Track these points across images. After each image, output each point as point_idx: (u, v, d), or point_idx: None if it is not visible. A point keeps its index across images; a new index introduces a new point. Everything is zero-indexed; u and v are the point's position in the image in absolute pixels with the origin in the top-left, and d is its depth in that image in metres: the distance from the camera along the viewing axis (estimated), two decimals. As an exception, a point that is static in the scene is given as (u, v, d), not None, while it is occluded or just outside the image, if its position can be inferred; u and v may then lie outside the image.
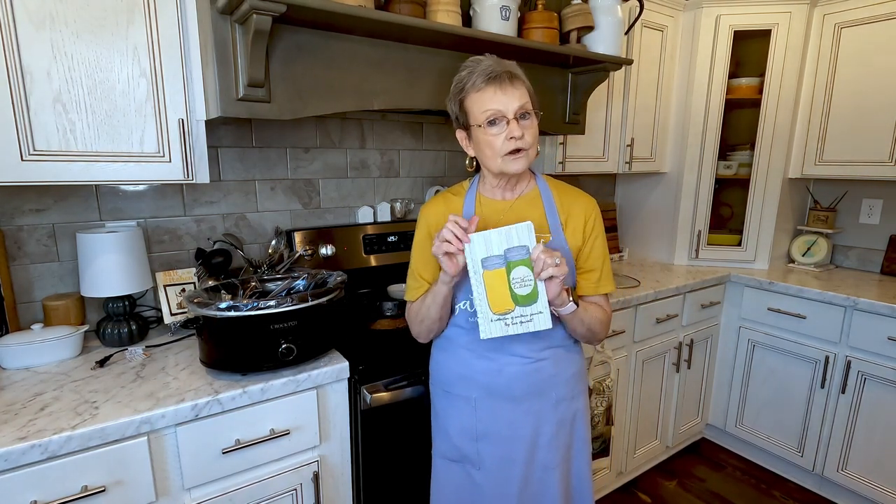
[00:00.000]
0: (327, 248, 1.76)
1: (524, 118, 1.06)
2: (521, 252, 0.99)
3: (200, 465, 1.11)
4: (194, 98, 1.26)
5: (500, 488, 1.17)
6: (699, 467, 2.42)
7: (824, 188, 2.59)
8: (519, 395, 1.14)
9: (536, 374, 1.14)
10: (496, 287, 1.01)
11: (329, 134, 1.82)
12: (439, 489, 1.26)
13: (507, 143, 1.05)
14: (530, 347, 1.13)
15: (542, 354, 1.14)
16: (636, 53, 2.21)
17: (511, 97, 1.03)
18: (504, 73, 1.04)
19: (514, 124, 1.04)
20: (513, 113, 1.03)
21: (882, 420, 1.96)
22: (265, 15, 1.10)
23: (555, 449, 1.17)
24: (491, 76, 1.03)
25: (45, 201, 1.39)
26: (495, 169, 1.09)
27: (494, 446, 1.17)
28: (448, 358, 1.21)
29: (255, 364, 1.18)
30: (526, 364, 1.14)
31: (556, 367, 1.16)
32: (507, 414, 1.15)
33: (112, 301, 1.38)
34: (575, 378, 1.20)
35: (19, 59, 1.05)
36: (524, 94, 1.05)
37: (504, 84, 1.03)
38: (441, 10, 1.41)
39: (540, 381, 1.15)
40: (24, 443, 0.91)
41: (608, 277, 1.18)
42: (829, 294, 2.06)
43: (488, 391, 1.15)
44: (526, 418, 1.15)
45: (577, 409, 1.21)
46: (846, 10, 2.17)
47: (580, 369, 1.23)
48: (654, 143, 2.43)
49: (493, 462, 1.17)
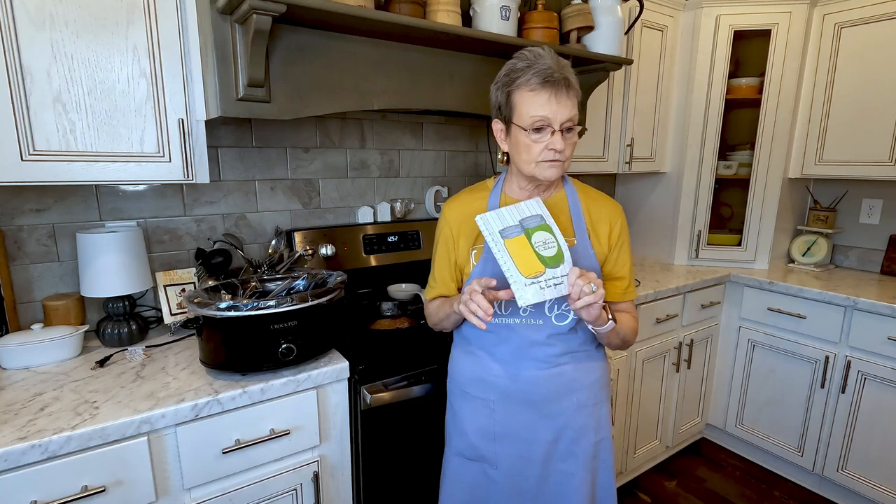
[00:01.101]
0: (327, 248, 1.75)
1: (569, 131, 1.03)
2: (535, 220, 1.01)
3: (200, 465, 1.11)
4: (194, 98, 1.26)
5: (516, 485, 1.17)
6: (699, 467, 2.42)
7: (824, 188, 2.59)
8: (537, 399, 1.13)
9: (556, 378, 1.12)
10: (521, 253, 0.99)
11: (329, 134, 1.82)
12: (452, 486, 1.25)
13: (546, 153, 1.02)
14: (548, 353, 1.11)
15: (562, 360, 1.12)
16: (636, 53, 2.21)
17: (563, 107, 1.00)
18: (562, 79, 1.00)
19: (559, 137, 1.01)
20: (559, 124, 1.00)
21: (882, 420, 1.96)
22: (265, 15, 1.10)
23: (575, 455, 1.15)
24: (548, 80, 0.99)
25: (45, 201, 1.39)
26: (527, 172, 1.07)
27: (511, 447, 1.16)
28: (466, 359, 1.20)
29: (255, 364, 1.18)
30: (544, 369, 1.12)
31: (576, 371, 1.14)
32: (525, 417, 1.14)
33: (112, 301, 1.38)
34: (598, 384, 1.18)
35: (19, 59, 1.05)
36: (574, 105, 1.02)
37: (560, 92, 0.99)
38: (441, 10, 1.41)
39: (560, 386, 1.13)
40: (24, 443, 0.91)
41: (632, 285, 1.18)
42: (829, 294, 2.06)
43: (505, 395, 1.14)
44: (545, 422, 1.14)
45: (601, 416, 1.18)
46: (846, 10, 2.17)
47: (602, 376, 1.19)
48: (654, 143, 2.43)
49: (509, 461, 1.17)
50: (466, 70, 1.58)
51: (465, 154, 2.20)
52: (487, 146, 2.24)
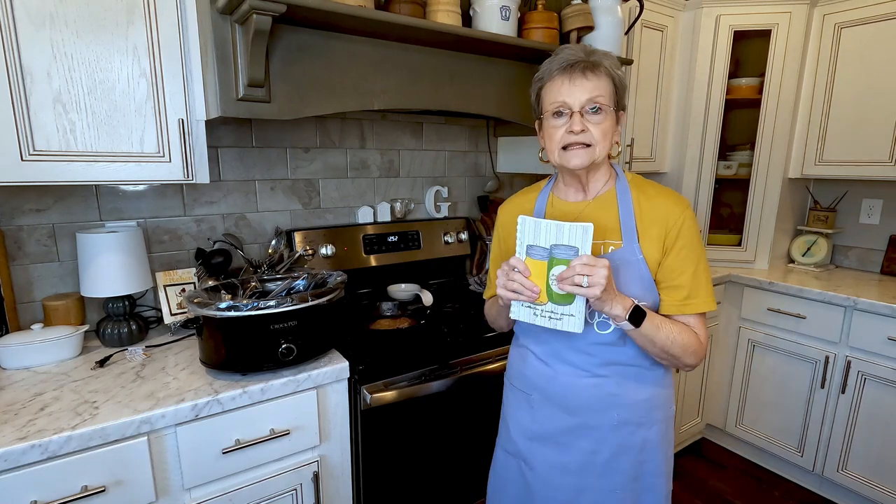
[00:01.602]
0: (327, 248, 1.76)
1: (595, 112, 0.98)
2: (567, 252, 0.93)
3: (200, 465, 1.11)
4: (194, 98, 1.26)
5: (550, 493, 1.12)
6: (699, 467, 2.42)
7: (824, 188, 2.59)
8: (574, 406, 1.07)
9: (595, 389, 1.05)
10: (534, 277, 0.97)
11: (329, 134, 1.82)
12: (496, 478, 1.25)
13: (565, 136, 0.99)
14: (587, 361, 1.05)
15: (602, 371, 1.05)
16: (636, 53, 2.20)
17: (581, 89, 0.96)
18: (580, 62, 0.97)
19: (577, 118, 0.97)
20: (579, 106, 0.97)
21: (882, 420, 1.96)
22: (265, 15, 1.10)
23: (613, 473, 1.08)
24: (565, 66, 0.97)
25: (45, 201, 1.39)
26: (555, 162, 1.04)
27: (548, 450, 1.11)
28: (515, 352, 1.21)
29: (255, 364, 1.18)
30: (582, 377, 1.06)
31: (619, 387, 1.05)
32: (563, 422, 1.09)
33: (112, 301, 1.38)
34: (646, 404, 1.07)
35: (19, 59, 1.05)
36: (599, 86, 0.97)
37: (575, 75, 0.97)
38: (441, 10, 1.41)
39: (599, 398, 1.05)
40: (24, 443, 0.91)
41: (702, 295, 1.01)
42: (829, 294, 2.06)
43: (545, 395, 1.11)
44: (583, 431, 1.07)
45: (647, 440, 1.07)
46: (846, 10, 2.17)
47: (656, 396, 1.08)
48: (654, 143, 2.43)
49: (544, 467, 1.12)
50: (466, 70, 1.58)
51: (465, 154, 2.20)
52: (487, 146, 2.24)
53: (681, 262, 1.00)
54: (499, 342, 1.56)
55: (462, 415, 1.55)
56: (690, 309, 1.01)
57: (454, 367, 1.47)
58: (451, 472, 1.57)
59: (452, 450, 1.55)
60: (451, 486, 1.58)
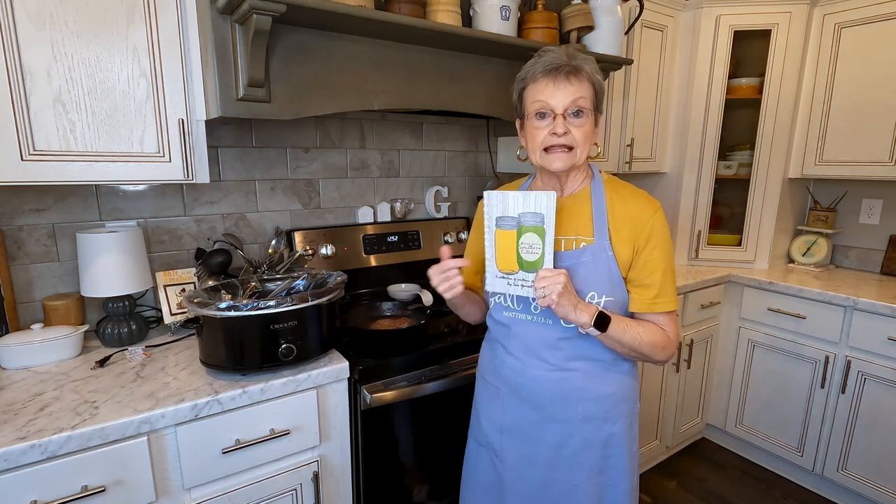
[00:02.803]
0: (327, 248, 1.76)
1: (577, 115, 1.01)
2: (535, 219, 0.99)
3: (200, 465, 1.11)
4: (194, 98, 1.26)
5: (520, 484, 1.15)
6: (699, 467, 2.42)
7: (824, 188, 2.59)
8: (541, 400, 1.10)
9: (562, 383, 1.08)
10: (504, 247, 1.02)
11: (329, 134, 1.82)
12: (468, 469, 1.28)
13: (548, 138, 1.02)
14: (555, 355, 1.08)
15: (570, 365, 1.07)
16: (636, 53, 2.20)
17: (564, 92, 0.99)
18: (564, 66, 0.99)
19: (560, 120, 1.00)
20: (562, 108, 1.00)
21: (882, 420, 1.96)
22: (265, 15, 1.10)
23: (579, 466, 1.11)
24: (549, 69, 1.00)
25: (45, 201, 1.39)
26: (536, 162, 1.07)
27: (517, 443, 1.15)
28: (486, 346, 1.23)
29: (255, 364, 1.18)
30: (551, 371, 1.08)
31: (585, 381, 1.08)
32: (532, 415, 1.12)
33: (112, 301, 1.38)
34: (612, 399, 1.09)
35: (19, 59, 1.05)
36: (581, 90, 1.00)
37: (559, 79, 0.99)
38: (441, 10, 1.41)
39: (565, 392, 1.08)
40: (23, 443, 0.91)
41: (669, 294, 1.05)
42: (829, 294, 2.06)
43: (513, 389, 1.14)
44: (550, 426, 1.10)
45: (612, 434, 1.10)
46: (846, 10, 2.17)
47: (622, 391, 1.11)
48: (654, 143, 2.43)
49: (513, 458, 1.15)
50: (466, 70, 1.58)
51: (465, 154, 2.20)
52: (487, 146, 2.24)
53: (652, 262, 1.04)
54: (499, 342, 1.56)
55: (462, 415, 1.54)
56: (659, 307, 1.05)
57: (454, 367, 1.47)
58: (451, 472, 1.57)
59: (452, 450, 1.55)
60: (452, 486, 1.58)
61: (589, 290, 1.03)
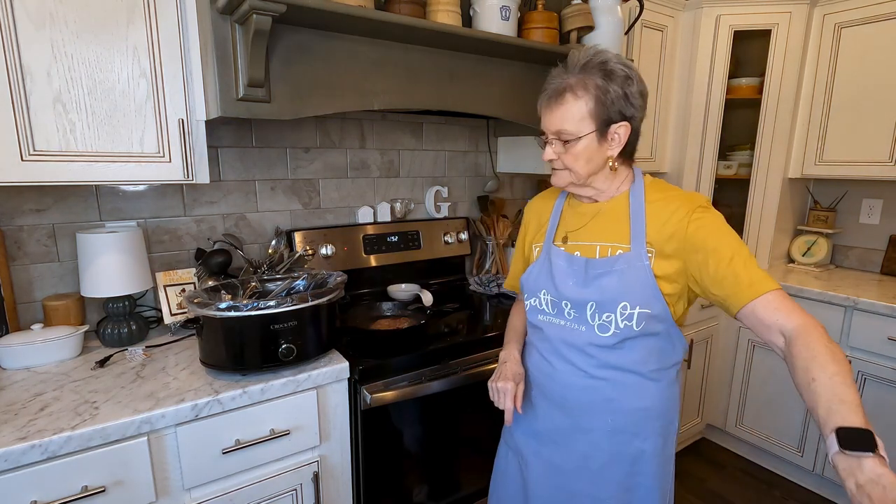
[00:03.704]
0: (327, 248, 1.76)
1: (566, 142, 0.99)
2: None
3: (200, 465, 1.11)
4: (194, 98, 1.26)
5: (543, 492, 1.11)
6: (699, 467, 2.42)
7: (824, 188, 2.59)
8: (570, 406, 1.05)
9: (591, 391, 1.03)
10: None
11: (329, 134, 1.82)
12: (497, 471, 1.26)
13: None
14: (586, 361, 1.02)
15: (600, 373, 1.01)
16: (636, 53, 2.20)
17: (550, 119, 0.99)
18: (555, 91, 0.98)
19: (549, 148, 1.02)
20: (550, 135, 1.01)
21: (882, 420, 1.95)
22: (265, 15, 1.10)
23: (606, 482, 1.05)
24: (548, 90, 1.00)
25: (45, 201, 1.39)
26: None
27: (545, 448, 1.11)
28: (525, 349, 1.19)
29: (255, 364, 1.18)
30: (580, 377, 1.03)
31: (615, 391, 1.01)
32: (560, 421, 1.07)
33: (112, 301, 1.38)
34: (645, 413, 1.02)
35: (19, 59, 1.05)
36: (567, 112, 0.96)
37: (551, 103, 0.99)
38: (441, 10, 1.41)
39: (594, 401, 1.03)
40: (24, 443, 0.91)
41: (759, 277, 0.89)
42: (829, 294, 2.06)
43: (543, 392, 1.10)
44: (578, 434, 1.05)
45: (642, 451, 1.03)
46: (846, 10, 2.17)
47: (657, 406, 1.03)
48: (654, 143, 2.43)
49: (539, 465, 1.11)
50: (466, 70, 1.58)
51: (465, 154, 2.20)
52: (487, 146, 2.24)
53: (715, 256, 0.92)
54: (499, 342, 1.56)
55: (462, 415, 1.55)
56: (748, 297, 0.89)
57: (454, 367, 1.47)
58: (451, 472, 1.57)
59: (452, 450, 1.55)
60: (452, 487, 1.58)
61: (621, 300, 0.96)
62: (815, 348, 0.78)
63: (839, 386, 0.72)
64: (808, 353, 0.78)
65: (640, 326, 0.97)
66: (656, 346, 1.00)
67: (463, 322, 1.66)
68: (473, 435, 1.59)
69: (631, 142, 1.01)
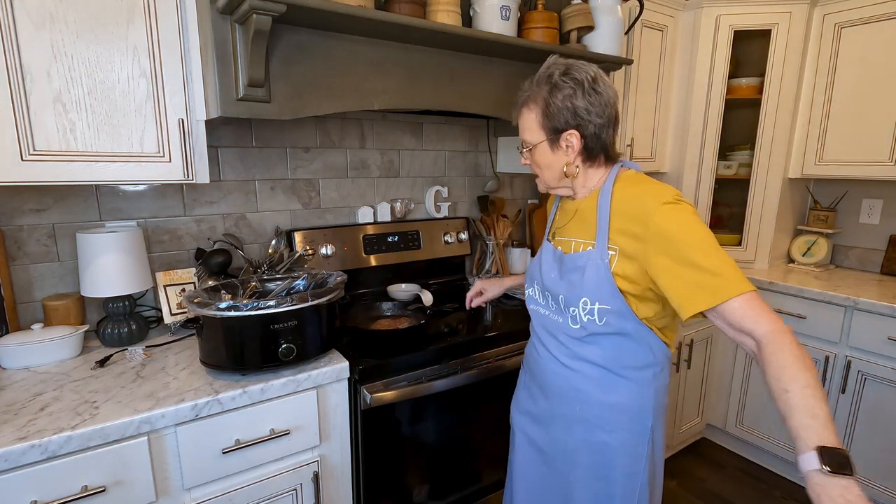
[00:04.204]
0: (327, 248, 1.76)
1: (530, 150, 1.08)
2: None
3: (200, 465, 1.11)
4: (194, 98, 1.26)
5: (527, 468, 1.22)
6: (699, 467, 2.42)
7: (824, 188, 2.59)
8: (550, 391, 1.13)
9: (563, 379, 1.09)
10: None
11: (329, 134, 1.82)
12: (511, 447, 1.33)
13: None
14: (560, 350, 1.09)
15: (571, 363, 1.07)
16: (636, 53, 2.20)
17: (519, 129, 1.10)
18: (517, 103, 1.09)
19: (522, 155, 1.12)
20: (522, 143, 1.10)
21: (882, 420, 1.96)
22: (265, 15, 1.10)
23: (576, 465, 1.10)
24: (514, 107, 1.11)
25: (45, 201, 1.39)
26: None
27: (529, 427, 1.21)
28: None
29: (255, 364, 1.18)
30: (556, 364, 1.10)
31: (584, 382, 1.06)
32: (543, 404, 1.16)
33: (112, 301, 1.38)
34: (613, 408, 1.04)
35: (19, 59, 1.05)
36: (524, 125, 1.08)
37: (516, 115, 1.10)
38: (441, 10, 1.41)
39: (566, 389, 1.09)
40: (24, 443, 0.91)
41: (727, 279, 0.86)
42: (829, 294, 2.06)
43: (532, 376, 1.20)
44: (556, 419, 1.13)
45: (605, 443, 1.06)
46: (846, 10, 2.17)
47: (627, 402, 1.04)
48: (654, 143, 2.43)
49: (524, 442, 1.22)
50: (466, 70, 1.58)
51: (465, 154, 2.20)
52: (487, 146, 2.24)
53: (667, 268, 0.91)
54: (498, 342, 1.56)
55: (462, 415, 1.55)
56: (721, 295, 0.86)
57: (454, 367, 1.46)
58: (451, 471, 1.57)
59: (453, 450, 1.55)
60: (452, 486, 1.58)
61: (582, 295, 1.00)
62: (785, 357, 0.79)
63: (810, 399, 0.75)
64: (778, 361, 0.80)
65: (603, 321, 0.99)
66: (626, 346, 1.02)
67: (463, 322, 1.66)
68: (474, 435, 1.59)
69: (592, 146, 1.03)
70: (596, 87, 1.01)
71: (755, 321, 0.84)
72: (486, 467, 1.64)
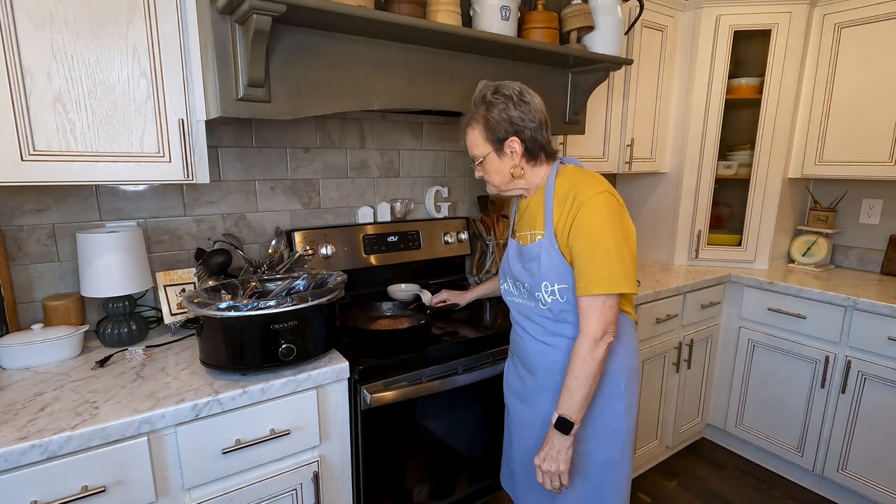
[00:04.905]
0: (327, 248, 1.76)
1: (479, 163, 1.22)
2: None
3: (200, 465, 1.11)
4: (194, 98, 1.26)
5: (521, 443, 1.32)
6: (699, 467, 2.42)
7: (824, 188, 2.59)
8: (534, 368, 1.26)
9: (542, 355, 1.23)
10: None
11: (329, 134, 1.82)
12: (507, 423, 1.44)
13: None
14: (536, 328, 1.24)
15: (547, 339, 1.22)
16: (636, 53, 2.21)
17: (468, 147, 1.23)
18: (461, 126, 1.23)
19: (475, 169, 1.25)
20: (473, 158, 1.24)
21: (882, 420, 1.96)
22: (265, 15, 1.10)
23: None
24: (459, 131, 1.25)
25: (45, 201, 1.39)
26: None
27: (520, 405, 1.32)
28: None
29: (255, 364, 1.18)
30: (535, 343, 1.25)
31: (558, 354, 1.21)
32: (529, 382, 1.28)
33: (112, 301, 1.38)
34: (556, 367, 1.22)
35: (19, 59, 1.05)
36: (470, 142, 1.21)
37: (463, 136, 1.24)
38: (441, 10, 1.41)
39: (546, 363, 1.23)
40: (24, 443, 0.91)
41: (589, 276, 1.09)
42: (829, 294, 2.06)
43: (518, 357, 1.33)
44: (542, 393, 1.24)
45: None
46: (846, 10, 2.17)
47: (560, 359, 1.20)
48: (654, 143, 2.43)
49: (517, 419, 1.33)
50: (466, 70, 1.58)
51: (465, 154, 2.19)
52: (487, 146, 2.24)
53: (577, 251, 1.11)
54: (498, 342, 1.56)
55: (462, 414, 1.55)
56: (581, 291, 1.11)
57: (454, 367, 1.47)
58: (451, 471, 1.57)
59: (452, 450, 1.55)
60: (452, 486, 1.58)
61: (543, 279, 1.17)
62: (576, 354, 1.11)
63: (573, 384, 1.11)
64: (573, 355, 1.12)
65: (565, 299, 1.16)
66: None
67: (463, 322, 1.66)
68: (473, 435, 1.59)
69: (531, 147, 1.18)
70: (524, 98, 1.15)
71: (584, 319, 1.11)
72: (487, 467, 1.64)
